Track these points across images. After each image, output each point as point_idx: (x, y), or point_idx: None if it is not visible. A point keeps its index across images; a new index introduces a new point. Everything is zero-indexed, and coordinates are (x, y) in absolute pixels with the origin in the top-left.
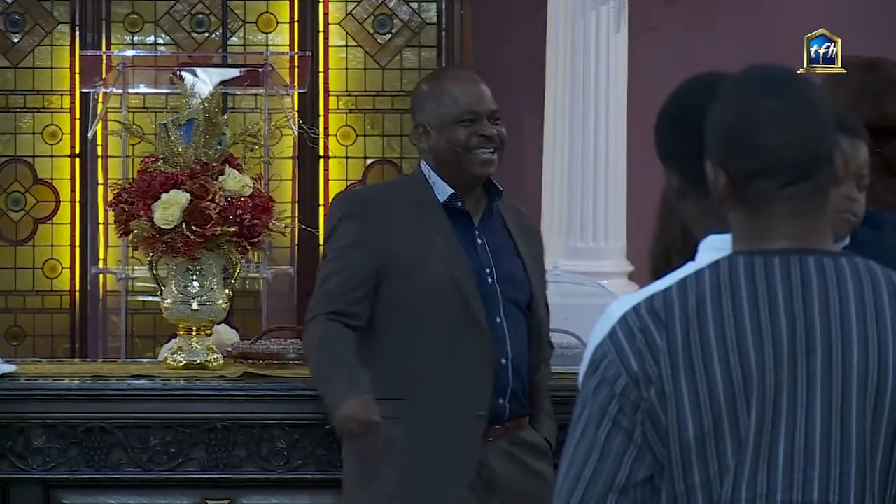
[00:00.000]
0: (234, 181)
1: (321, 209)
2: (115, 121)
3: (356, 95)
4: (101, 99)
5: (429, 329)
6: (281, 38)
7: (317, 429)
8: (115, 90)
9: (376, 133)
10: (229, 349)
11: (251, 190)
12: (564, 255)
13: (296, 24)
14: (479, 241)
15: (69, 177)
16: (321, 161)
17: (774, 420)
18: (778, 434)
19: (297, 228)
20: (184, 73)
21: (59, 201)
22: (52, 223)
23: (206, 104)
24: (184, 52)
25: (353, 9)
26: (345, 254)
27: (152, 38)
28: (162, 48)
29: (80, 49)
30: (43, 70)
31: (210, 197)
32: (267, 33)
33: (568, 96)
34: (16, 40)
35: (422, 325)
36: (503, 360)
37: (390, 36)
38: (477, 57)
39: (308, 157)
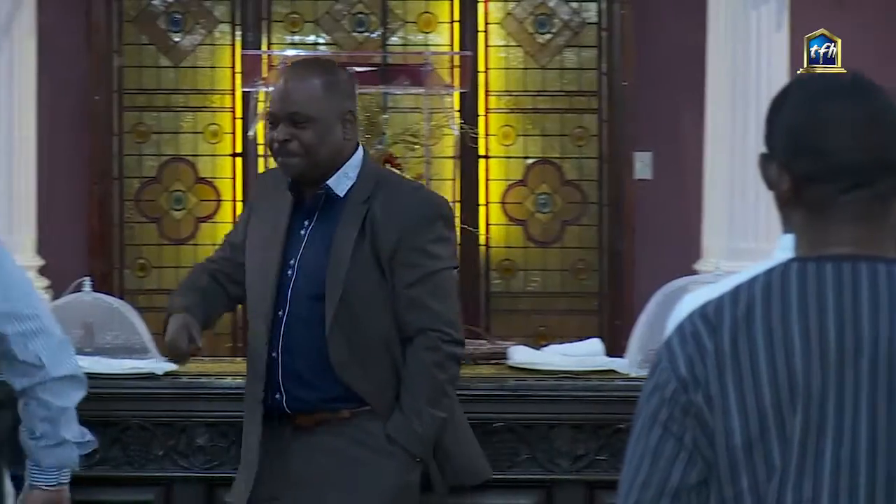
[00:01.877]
0: None
1: (481, 209)
2: None
3: (516, 95)
4: (261, 98)
5: (247, 317)
6: (441, 37)
7: (479, 429)
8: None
9: (536, 133)
10: None
11: None
12: (726, 256)
13: (456, 24)
14: (304, 231)
15: (230, 176)
16: (481, 161)
17: (820, 425)
18: (824, 439)
19: (458, 228)
20: None
21: (220, 200)
22: (214, 222)
23: (366, 104)
24: (344, 51)
25: (513, 8)
26: (235, 224)
27: (312, 37)
28: (322, 47)
29: (241, 48)
30: (204, 69)
31: None
32: (427, 33)
33: (728, 95)
34: (177, 40)
35: (247, 313)
36: (273, 354)
37: (550, 36)
38: (637, 57)
39: (468, 156)
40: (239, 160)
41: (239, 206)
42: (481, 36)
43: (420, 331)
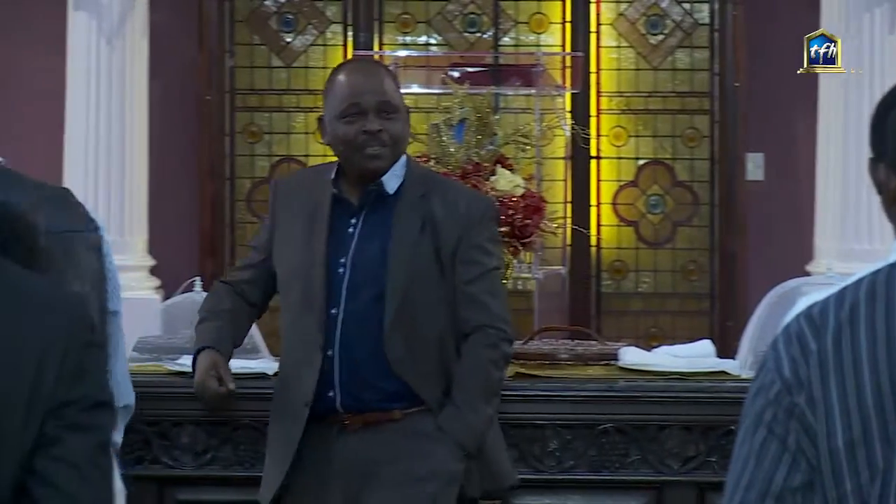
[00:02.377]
0: (506, 181)
1: (593, 210)
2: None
3: (628, 96)
4: None
5: (286, 315)
6: (553, 38)
7: (588, 429)
8: None
9: (648, 134)
10: None
11: (523, 190)
12: (838, 258)
13: (568, 25)
14: (352, 229)
15: None
16: (593, 162)
17: None
18: None
19: (569, 229)
20: (454, 73)
21: None
22: None
23: (477, 104)
24: (455, 52)
25: (624, 9)
26: (258, 238)
27: (424, 38)
28: (434, 48)
29: (353, 49)
30: (316, 69)
31: None
32: (539, 34)
33: (842, 97)
34: (289, 40)
35: (284, 311)
36: (329, 352)
37: (662, 36)
38: (749, 58)
39: (580, 157)
40: None
41: None
42: (593, 37)
43: (479, 327)
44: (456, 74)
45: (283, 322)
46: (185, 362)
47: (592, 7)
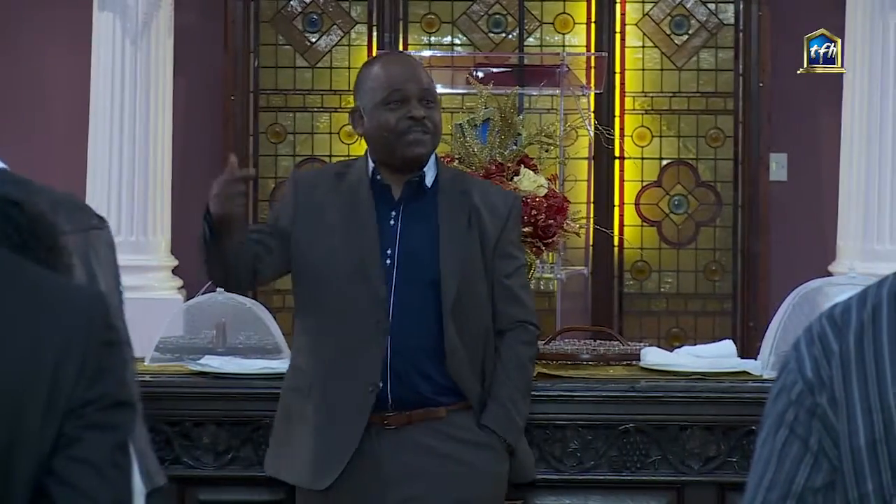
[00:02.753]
0: (530, 181)
1: (616, 210)
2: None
3: (652, 96)
4: None
5: (323, 306)
6: (577, 38)
7: (610, 430)
8: None
9: (672, 134)
10: None
11: (546, 190)
12: (861, 258)
13: (592, 25)
14: (393, 221)
15: None
16: (616, 162)
17: None
18: None
19: (591, 229)
20: (479, 73)
21: None
22: None
23: (501, 105)
24: (480, 52)
25: (650, 10)
26: (272, 212)
27: (449, 38)
28: (458, 48)
29: (378, 49)
30: (340, 70)
31: None
32: (564, 34)
33: (866, 98)
34: (313, 40)
35: (319, 301)
36: (384, 342)
37: (687, 37)
38: (773, 58)
39: (604, 157)
40: None
41: None
42: (617, 37)
43: (519, 323)
44: (480, 75)
45: (321, 313)
46: (207, 362)
47: (617, 7)
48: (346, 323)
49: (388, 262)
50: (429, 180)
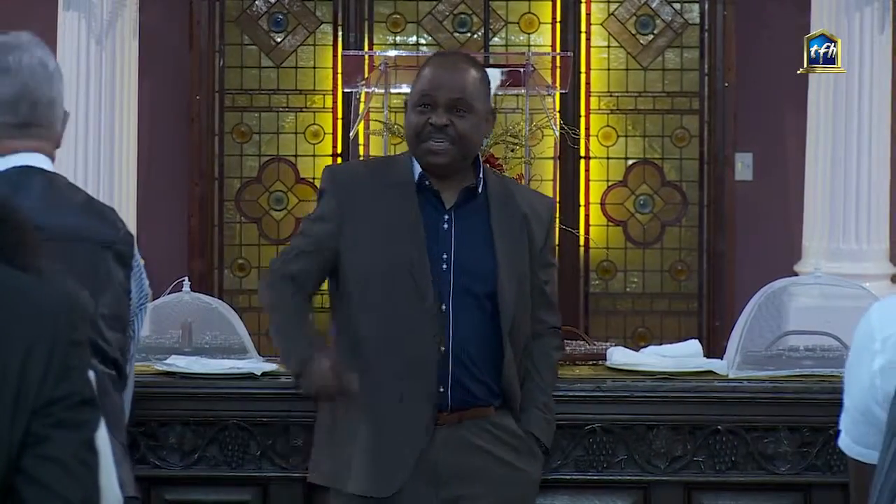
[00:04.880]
0: None
1: (582, 210)
2: (376, 120)
3: (618, 96)
4: (363, 99)
5: (375, 309)
6: (543, 38)
7: (576, 430)
8: (377, 90)
9: (637, 134)
10: None
11: None
12: (826, 257)
13: (558, 25)
14: (446, 225)
15: None
16: (582, 161)
17: None
18: None
19: (557, 229)
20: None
21: None
22: None
23: None
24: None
25: (615, 9)
26: (312, 226)
27: (414, 38)
28: (424, 48)
29: (343, 49)
30: (305, 70)
31: None
32: (529, 33)
33: (831, 97)
34: (279, 40)
35: (370, 304)
36: (442, 348)
37: (652, 37)
38: (739, 58)
39: (569, 157)
40: (339, 160)
41: None
42: (583, 37)
43: (553, 329)
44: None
45: (372, 311)
46: (174, 362)
47: (583, 7)
48: (401, 327)
49: (445, 267)
50: (479, 186)
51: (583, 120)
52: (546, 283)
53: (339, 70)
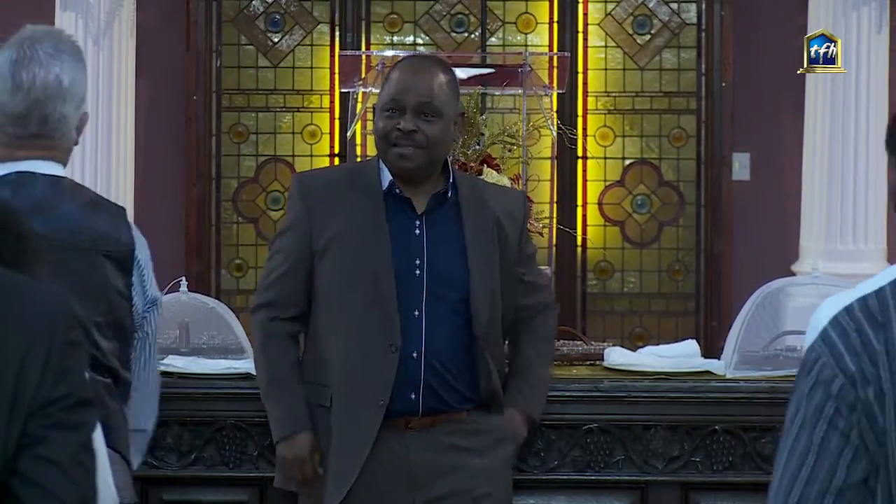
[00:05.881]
0: (492, 181)
1: (579, 210)
2: (373, 121)
3: (615, 96)
4: (360, 99)
5: (343, 315)
6: (540, 38)
7: (573, 430)
8: (374, 90)
9: (635, 134)
10: None
11: None
12: (824, 258)
13: (555, 25)
14: (418, 231)
15: None
16: (579, 162)
17: None
18: None
19: (554, 229)
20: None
21: None
22: None
23: (464, 104)
24: (443, 52)
25: (612, 9)
26: (283, 237)
27: (411, 37)
28: (421, 48)
29: (340, 49)
30: (303, 70)
31: None
32: (526, 34)
33: (828, 97)
34: (276, 40)
35: (337, 310)
36: (414, 354)
37: (649, 37)
38: (736, 58)
39: (566, 157)
40: (337, 161)
41: None
42: (580, 37)
43: (546, 305)
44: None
45: (333, 320)
46: (171, 362)
47: (580, 7)
48: (358, 332)
49: (418, 273)
50: (449, 190)
51: (580, 120)
52: (524, 273)
53: (336, 70)
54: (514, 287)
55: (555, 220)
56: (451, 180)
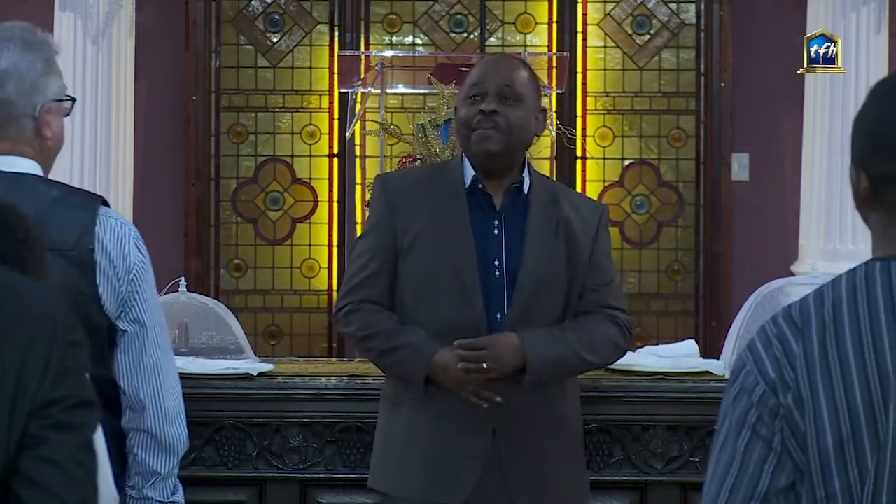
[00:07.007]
0: None
1: None
2: (372, 121)
3: (614, 96)
4: (359, 99)
5: (427, 316)
6: (539, 38)
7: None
8: (373, 90)
9: (634, 134)
10: None
11: None
12: (823, 257)
13: (554, 25)
14: (497, 231)
15: (327, 176)
16: (578, 162)
17: None
18: None
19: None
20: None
21: (317, 201)
22: (311, 223)
23: None
24: (442, 52)
25: (611, 10)
26: (367, 238)
27: (410, 38)
28: (420, 48)
29: (339, 49)
30: (302, 70)
31: None
32: (525, 34)
33: (827, 97)
34: (275, 40)
35: (421, 310)
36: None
37: (649, 37)
38: (735, 58)
39: (566, 157)
40: (336, 161)
41: (336, 206)
42: (579, 37)
43: (617, 316)
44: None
45: (417, 317)
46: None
47: (579, 7)
48: (449, 333)
49: (498, 274)
50: (525, 186)
51: (579, 120)
52: (601, 285)
53: (336, 70)
54: (586, 295)
55: None
56: (524, 174)
